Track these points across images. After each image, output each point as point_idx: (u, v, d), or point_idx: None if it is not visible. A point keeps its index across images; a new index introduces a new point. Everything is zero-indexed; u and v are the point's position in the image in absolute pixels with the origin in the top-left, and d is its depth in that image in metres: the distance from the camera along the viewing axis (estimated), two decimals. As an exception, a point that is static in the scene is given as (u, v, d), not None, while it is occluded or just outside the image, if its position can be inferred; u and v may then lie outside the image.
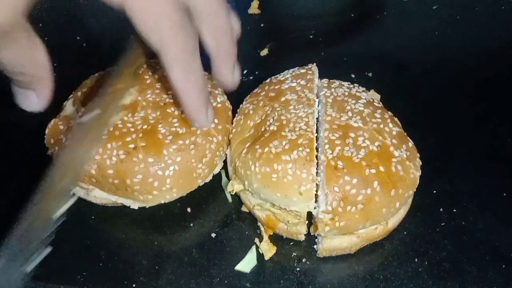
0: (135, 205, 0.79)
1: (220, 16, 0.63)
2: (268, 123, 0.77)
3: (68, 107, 0.84)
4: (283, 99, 0.79)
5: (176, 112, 0.79)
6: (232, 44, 0.67)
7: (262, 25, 1.24)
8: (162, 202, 0.78)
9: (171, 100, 0.80)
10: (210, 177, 0.83)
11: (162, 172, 0.74)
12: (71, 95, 0.86)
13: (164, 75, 0.81)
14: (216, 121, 0.80)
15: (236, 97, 0.90)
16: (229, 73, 0.69)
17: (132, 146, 0.74)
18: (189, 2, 0.59)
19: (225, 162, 0.85)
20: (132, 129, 0.76)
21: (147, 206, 0.79)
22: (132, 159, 0.73)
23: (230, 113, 0.85)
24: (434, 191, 0.83)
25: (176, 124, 0.77)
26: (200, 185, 0.80)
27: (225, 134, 0.82)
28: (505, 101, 1.00)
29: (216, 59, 0.67)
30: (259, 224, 0.80)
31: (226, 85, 0.71)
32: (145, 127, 0.76)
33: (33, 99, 0.59)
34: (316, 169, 0.70)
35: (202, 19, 0.61)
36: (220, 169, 0.86)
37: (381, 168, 0.69)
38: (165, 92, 0.81)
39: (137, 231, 0.81)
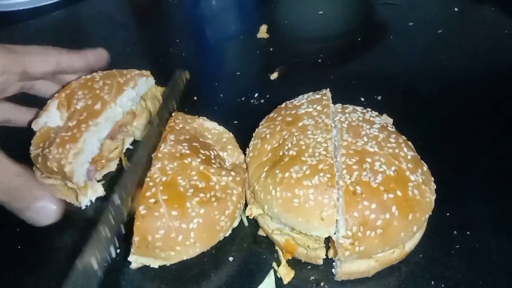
0: (155, 264, 0.76)
1: None
2: (286, 147, 0.78)
3: (52, 108, 0.89)
4: (300, 124, 0.81)
5: (194, 164, 0.78)
6: None
7: (271, 49, 1.27)
8: (184, 258, 0.75)
9: (187, 151, 0.80)
10: (230, 231, 0.81)
11: (186, 225, 0.72)
12: (55, 95, 0.91)
13: (177, 127, 0.85)
14: (233, 173, 0.80)
15: (249, 120, 0.92)
16: None
17: (152, 200, 0.72)
18: None
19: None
20: (151, 183, 0.74)
21: (168, 264, 0.76)
22: (154, 214, 0.71)
23: (244, 165, 0.85)
24: (448, 214, 0.85)
25: (195, 178, 0.76)
26: (221, 239, 0.79)
27: (244, 185, 0.81)
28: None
29: None
30: (276, 248, 0.80)
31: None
32: (164, 179, 0.75)
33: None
34: (335, 194, 0.71)
35: None
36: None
37: (399, 193, 0.71)
38: (180, 144, 0.81)
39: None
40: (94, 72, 0.96)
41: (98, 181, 0.93)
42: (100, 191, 0.91)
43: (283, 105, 0.89)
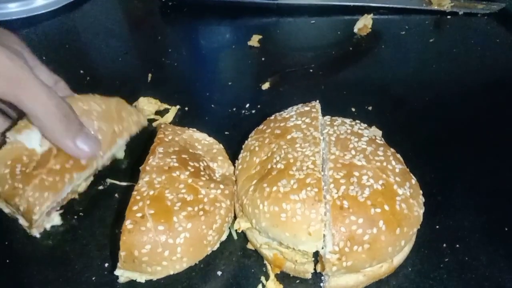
0: (141, 278, 0.75)
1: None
2: (274, 160, 0.78)
3: (36, 129, 0.80)
4: (289, 137, 0.81)
5: (182, 177, 0.77)
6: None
7: (263, 58, 1.27)
8: (171, 273, 0.74)
9: (176, 164, 0.79)
10: (218, 245, 0.80)
11: (173, 241, 0.71)
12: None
13: (166, 139, 0.84)
14: (222, 186, 0.79)
15: (239, 131, 0.92)
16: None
17: (139, 215, 0.72)
18: None
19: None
20: (138, 197, 0.74)
21: (155, 279, 0.76)
22: (140, 228, 0.71)
23: (234, 177, 0.84)
24: (437, 227, 0.85)
25: (184, 191, 0.75)
26: (209, 253, 0.78)
27: (232, 198, 0.80)
28: (505, 134, 1.02)
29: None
30: (265, 262, 0.80)
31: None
32: (151, 193, 0.74)
33: None
34: (323, 208, 0.71)
35: None
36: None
37: (386, 207, 0.70)
38: (169, 156, 0.80)
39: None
40: (92, 102, 0.89)
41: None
42: (56, 220, 0.88)
43: (272, 117, 0.89)
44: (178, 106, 1.12)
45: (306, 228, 0.70)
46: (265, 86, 1.18)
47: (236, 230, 0.81)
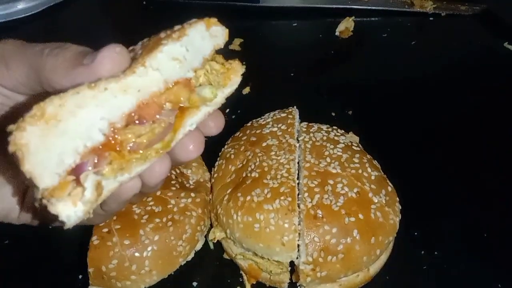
0: None
1: None
2: (249, 169, 0.77)
3: None
4: (264, 144, 0.80)
5: None
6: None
7: (244, 62, 1.25)
8: (142, 287, 0.73)
9: None
10: (192, 255, 0.79)
11: (140, 254, 0.71)
12: None
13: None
14: (193, 195, 0.78)
15: (218, 137, 0.90)
16: None
17: (105, 230, 0.71)
18: None
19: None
20: None
21: None
22: (107, 243, 0.70)
23: (208, 184, 0.83)
24: (416, 233, 0.84)
25: (152, 203, 0.74)
26: (182, 264, 0.76)
27: (205, 206, 0.79)
28: (486, 138, 1.01)
29: None
30: (241, 272, 0.79)
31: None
32: None
33: None
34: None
35: None
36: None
37: (360, 216, 0.69)
38: None
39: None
40: None
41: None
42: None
43: (249, 123, 0.88)
44: (156, 112, 1.10)
45: (280, 239, 0.69)
46: (246, 90, 1.17)
47: (211, 240, 0.80)
